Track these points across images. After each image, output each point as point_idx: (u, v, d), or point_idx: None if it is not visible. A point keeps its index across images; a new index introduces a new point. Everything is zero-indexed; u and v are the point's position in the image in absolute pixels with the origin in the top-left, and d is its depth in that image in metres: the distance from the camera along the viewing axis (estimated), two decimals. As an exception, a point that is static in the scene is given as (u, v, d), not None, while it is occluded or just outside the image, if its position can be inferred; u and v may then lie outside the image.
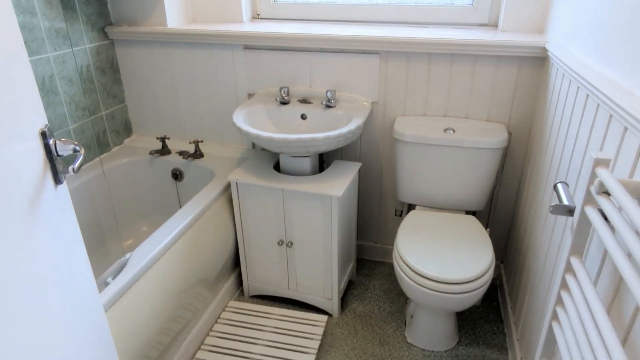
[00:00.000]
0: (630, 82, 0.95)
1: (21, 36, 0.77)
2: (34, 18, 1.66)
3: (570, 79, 1.30)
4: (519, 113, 1.76)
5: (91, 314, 0.96)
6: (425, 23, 1.92)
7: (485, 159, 1.67)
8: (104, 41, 2.02)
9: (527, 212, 1.68)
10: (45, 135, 0.82)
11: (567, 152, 1.27)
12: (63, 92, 1.83)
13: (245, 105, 1.86)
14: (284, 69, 1.94)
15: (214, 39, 1.93)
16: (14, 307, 0.75)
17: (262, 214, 1.76)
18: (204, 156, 2.07)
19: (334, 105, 1.84)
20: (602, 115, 1.04)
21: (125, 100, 2.20)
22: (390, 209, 2.10)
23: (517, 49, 1.62)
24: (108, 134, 2.11)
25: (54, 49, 1.77)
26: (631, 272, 0.64)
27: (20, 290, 0.77)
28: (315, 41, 1.81)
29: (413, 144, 1.71)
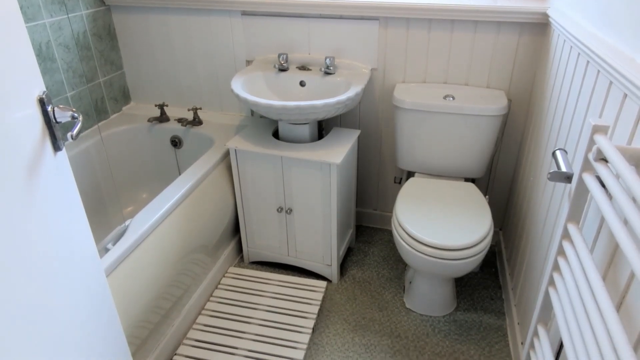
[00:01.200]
0: (630, 48, 0.93)
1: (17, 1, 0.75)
2: (25, -18, 1.62)
3: (571, 45, 1.28)
4: (519, 80, 1.74)
5: (92, 279, 0.99)
6: (428, -13, 1.87)
7: (485, 126, 1.66)
8: (101, 7, 1.98)
9: (527, 179, 1.69)
10: (44, 102, 0.81)
11: (566, 119, 1.27)
12: (60, 59, 1.80)
13: (244, 72, 1.84)
14: (283, 36, 1.90)
15: (212, 5, 1.88)
16: (15, 271, 0.77)
17: (261, 181, 1.77)
18: (202, 123, 2.06)
19: (333, 72, 1.82)
20: (602, 82, 1.03)
21: (123, 67, 2.17)
22: (389, 176, 2.11)
23: (518, 14, 1.59)
24: (106, 101, 2.09)
25: (50, 15, 1.73)
26: (627, 238, 0.65)
27: (22, 255, 0.78)
28: (314, 7, 1.77)
29: (412, 111, 1.70)
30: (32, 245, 0.80)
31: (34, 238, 0.81)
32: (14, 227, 0.76)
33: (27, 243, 0.79)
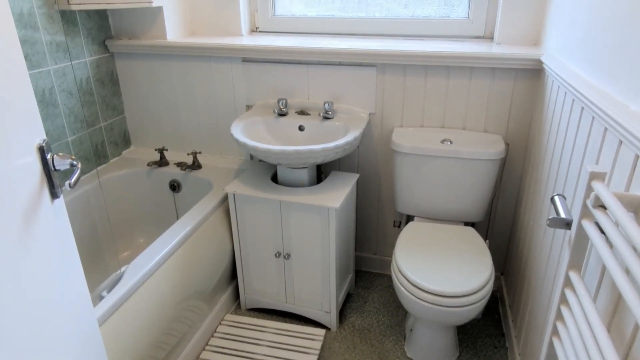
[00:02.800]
0: (623, 95, 0.95)
1: (22, 53, 0.77)
2: (36, 33, 1.67)
3: (565, 91, 1.31)
4: (515, 124, 1.77)
5: (85, 328, 0.96)
6: (422, 36, 1.94)
7: (483, 170, 1.67)
8: (104, 54, 2.04)
9: (526, 224, 1.68)
10: (43, 150, 0.82)
11: (564, 164, 1.28)
12: (62, 104, 1.83)
13: (244, 117, 1.87)
14: (282, 81, 1.95)
15: (213, 52, 1.94)
16: (8, 320, 0.75)
17: (260, 226, 1.76)
18: (201, 167, 2.07)
19: (332, 117, 1.85)
20: (597, 128, 1.04)
21: (124, 112, 2.20)
22: (388, 220, 2.10)
23: (512, 61, 1.64)
24: (106, 146, 2.11)
25: (55, 62, 1.78)
26: (630, 289, 0.64)
27: (15, 304, 0.76)
28: (312, 54, 1.83)
29: (411, 155, 1.72)
30: (24, 292, 0.78)
31: (27, 286, 0.79)
32: (7, 274, 0.74)
33: (20, 291, 0.77)
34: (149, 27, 1.98)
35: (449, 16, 1.90)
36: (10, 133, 0.75)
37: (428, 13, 1.92)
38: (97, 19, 1.97)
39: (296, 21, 2.06)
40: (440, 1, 1.89)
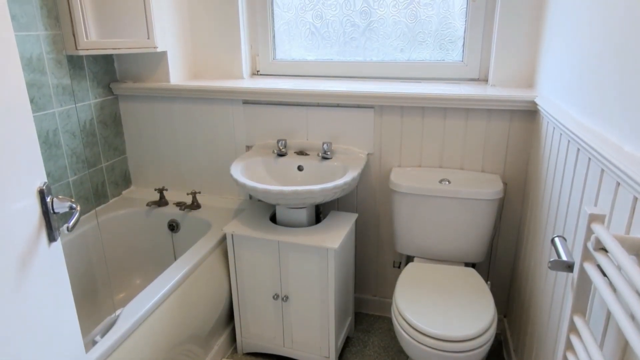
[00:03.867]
0: (618, 137, 0.97)
1: (28, 98, 0.79)
2: (43, 77, 1.72)
3: (560, 132, 1.33)
4: (513, 164, 1.78)
5: (78, 377, 0.93)
6: (418, 78, 1.99)
7: (482, 209, 1.67)
8: (109, 96, 2.08)
9: (528, 264, 1.66)
10: (43, 193, 0.82)
11: (562, 205, 1.28)
12: (65, 145, 1.86)
13: (243, 158, 1.89)
14: (282, 123, 1.98)
15: (215, 95, 1.98)
16: (-3, 371, 0.73)
17: (258, 267, 1.73)
18: (200, 207, 2.07)
19: (330, 157, 1.87)
20: (594, 169, 1.05)
21: (125, 152, 2.23)
22: (388, 260, 2.07)
23: (507, 103, 1.67)
24: (107, 186, 2.12)
25: (60, 105, 1.81)
26: (636, 336, 0.62)
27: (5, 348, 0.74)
28: (312, 96, 1.87)
29: (409, 195, 1.72)
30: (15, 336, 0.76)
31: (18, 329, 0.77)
32: None
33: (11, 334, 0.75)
34: (153, 71, 2.04)
35: (444, 60, 1.96)
36: (11, 176, 0.76)
37: (424, 57, 1.98)
38: (103, 63, 2.02)
39: (296, 65, 2.12)
40: (435, 45, 1.96)
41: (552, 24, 1.55)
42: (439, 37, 1.94)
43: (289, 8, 2.07)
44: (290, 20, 2.09)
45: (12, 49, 0.76)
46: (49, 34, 1.73)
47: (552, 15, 1.55)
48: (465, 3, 1.87)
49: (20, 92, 0.78)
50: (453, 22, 1.91)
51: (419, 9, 1.92)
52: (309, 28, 2.07)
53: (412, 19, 1.94)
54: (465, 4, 1.87)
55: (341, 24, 2.03)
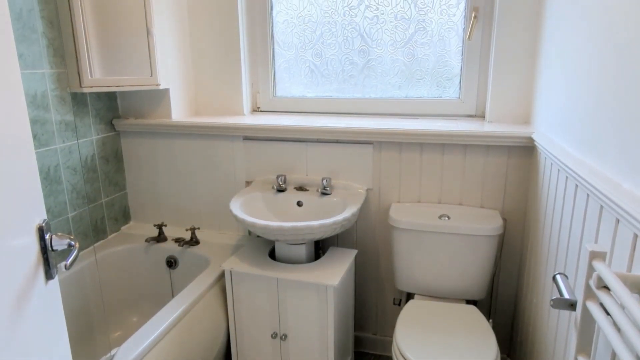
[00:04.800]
0: (615, 173, 0.98)
1: (31, 136, 0.80)
2: (47, 113, 1.75)
3: (558, 168, 1.34)
4: (512, 200, 1.79)
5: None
6: (416, 115, 2.02)
7: (482, 245, 1.66)
8: (111, 132, 2.11)
9: (530, 302, 1.63)
10: (42, 230, 0.82)
11: (563, 241, 1.27)
12: (66, 181, 1.86)
13: (243, 193, 1.89)
14: (282, 158, 2.00)
15: (216, 131, 2.01)
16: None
17: (256, 304, 1.71)
18: (199, 243, 2.06)
19: (330, 193, 1.88)
20: (593, 206, 1.05)
21: (126, 188, 2.23)
22: (388, 297, 2.04)
23: (504, 139, 1.69)
24: (106, 221, 2.11)
25: (62, 141, 1.83)
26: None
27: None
28: (311, 132, 1.89)
29: (409, 230, 1.72)
30: (4, 385, 0.74)
31: (7, 377, 0.75)
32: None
33: (0, 383, 0.73)
34: (155, 108, 2.07)
35: (441, 96, 2.00)
36: (11, 213, 0.76)
37: (421, 94, 2.02)
38: (106, 100, 2.06)
39: (296, 101, 2.16)
40: (432, 83, 2.00)
41: (546, 62, 1.60)
42: (436, 74, 1.99)
43: (290, 47, 2.13)
44: (291, 59, 2.14)
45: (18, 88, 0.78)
46: (54, 72, 1.77)
47: (546, 54, 1.60)
48: (461, 42, 1.92)
49: (24, 130, 0.79)
50: (449, 61, 1.96)
51: (416, 47, 1.98)
52: (309, 66, 2.13)
53: (409, 58, 2.00)
54: (461, 43, 1.93)
55: (340, 62, 2.08)
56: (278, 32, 2.13)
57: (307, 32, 2.09)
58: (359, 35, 2.03)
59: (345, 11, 2.02)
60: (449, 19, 1.92)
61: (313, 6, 2.05)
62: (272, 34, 2.13)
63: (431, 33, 1.95)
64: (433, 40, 1.95)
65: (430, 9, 1.93)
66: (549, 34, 1.56)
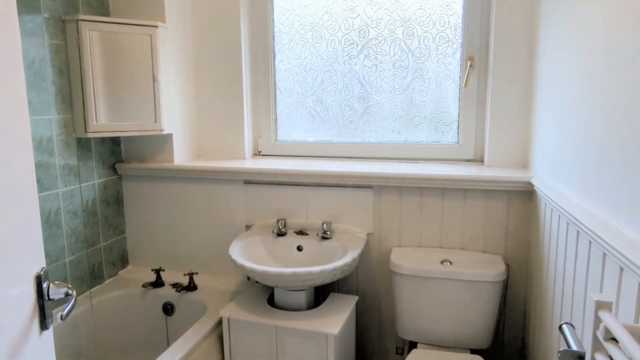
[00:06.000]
0: (615, 220, 0.97)
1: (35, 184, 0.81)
2: (51, 158, 1.77)
3: (559, 214, 1.34)
4: (514, 244, 1.77)
5: None
6: (415, 159, 2.04)
7: (485, 292, 1.63)
8: (113, 176, 2.12)
9: (537, 352, 1.58)
10: (40, 279, 0.81)
11: (567, 288, 1.25)
12: (66, 225, 1.86)
13: (242, 237, 1.88)
14: (282, 202, 2.00)
15: (217, 175, 2.03)
16: None
17: (254, 352, 1.65)
18: (197, 288, 2.02)
19: (330, 237, 1.86)
20: (596, 253, 1.05)
21: (125, 232, 2.22)
22: (390, 346, 1.98)
23: (503, 183, 1.71)
24: (103, 266, 2.09)
25: (65, 185, 1.84)
26: None
27: None
28: (311, 176, 1.91)
29: (411, 276, 1.69)
30: None
31: None
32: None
33: None
34: (158, 152, 2.10)
35: (440, 141, 2.03)
36: (10, 261, 0.76)
37: (420, 138, 2.06)
38: (110, 144, 2.09)
39: (297, 146, 2.19)
40: (430, 128, 2.04)
41: (540, 107, 1.63)
42: (434, 120, 2.03)
43: (291, 94, 2.19)
44: (292, 104, 2.19)
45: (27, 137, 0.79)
46: (61, 117, 1.81)
47: (540, 100, 1.64)
48: (458, 89, 1.98)
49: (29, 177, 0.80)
50: (447, 107, 2.01)
51: (414, 94, 2.03)
52: (310, 111, 2.18)
53: (407, 104, 2.05)
54: (457, 90, 1.98)
55: (340, 108, 2.13)
56: (280, 79, 2.19)
57: (309, 80, 2.15)
58: (359, 82, 2.09)
59: (345, 60, 2.09)
60: (445, 67, 1.98)
61: (314, 55, 2.12)
62: (274, 81, 2.19)
63: (428, 80, 2.01)
64: (430, 87, 2.01)
65: (427, 58, 1.99)
66: (541, 82, 1.61)
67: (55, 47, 1.76)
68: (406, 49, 2.01)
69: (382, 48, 2.03)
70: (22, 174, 0.78)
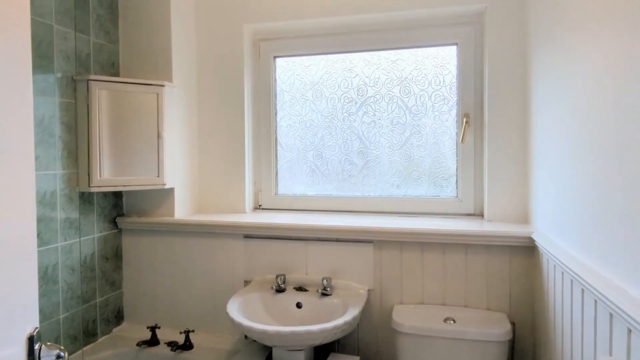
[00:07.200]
0: (619, 278, 0.96)
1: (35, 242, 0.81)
2: (53, 212, 1.78)
3: (562, 271, 1.33)
4: (518, 301, 1.73)
5: None
6: (415, 213, 2.05)
7: (491, 352, 1.57)
8: (113, 230, 2.12)
9: (548, 417, 1.50)
10: (33, 340, 0.79)
11: (576, 350, 1.21)
12: (63, 280, 1.83)
13: (241, 294, 1.84)
14: (282, 257, 1.98)
15: (217, 229, 2.02)
16: None
17: (252, 419, 1.57)
18: (193, 347, 1.95)
19: (330, 293, 1.83)
20: (602, 313, 1.02)
21: (122, 287, 2.18)
22: (395, 410, 1.88)
23: (504, 238, 1.70)
24: (98, 323, 2.03)
25: (64, 239, 1.84)
26: None
27: None
28: (311, 231, 1.90)
29: (413, 335, 1.64)
30: None
31: None
32: None
33: None
34: (159, 206, 2.11)
35: (439, 195, 2.04)
36: (3, 323, 0.74)
37: (419, 193, 2.07)
38: (112, 198, 2.11)
39: (297, 199, 2.20)
40: (429, 182, 2.06)
41: (538, 162, 1.66)
42: (432, 174, 2.06)
43: (292, 149, 2.23)
44: (293, 159, 2.23)
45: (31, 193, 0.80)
46: (66, 172, 1.83)
47: (537, 155, 1.66)
48: (455, 145, 2.02)
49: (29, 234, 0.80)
50: (445, 162, 2.04)
51: (412, 149, 2.07)
52: (310, 166, 2.21)
53: (406, 159, 2.08)
54: (455, 146, 2.02)
55: (340, 162, 2.17)
56: (281, 134, 2.24)
57: (309, 135, 2.20)
58: (358, 138, 2.14)
59: (344, 117, 2.15)
60: (442, 123, 2.03)
61: (314, 112, 2.19)
62: (275, 136, 2.24)
63: (426, 136, 2.05)
64: (428, 143, 2.05)
65: (423, 115, 2.05)
66: (536, 138, 1.65)
67: (65, 105, 1.82)
68: (403, 107, 2.07)
69: (380, 105, 2.10)
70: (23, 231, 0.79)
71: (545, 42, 1.53)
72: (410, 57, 2.06)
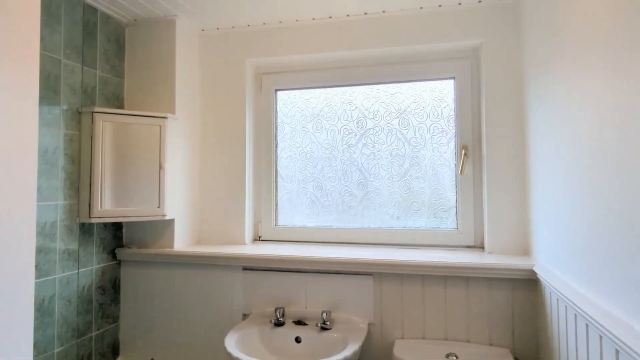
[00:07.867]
0: (623, 312, 0.95)
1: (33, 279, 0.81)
2: (52, 243, 1.77)
3: (565, 305, 1.31)
4: (522, 336, 1.70)
5: None
6: (415, 245, 2.03)
7: (496, 390, 1.53)
8: (112, 261, 2.11)
9: None
10: (24, 377, 0.78)
11: (581, 387, 1.18)
12: (59, 312, 1.81)
13: (239, 328, 1.81)
14: (281, 290, 1.96)
15: (216, 261, 2.01)
16: None
17: None
18: (190, 383, 1.91)
19: (330, 327, 1.80)
20: (609, 350, 1.00)
21: (119, 320, 2.15)
22: None
23: (506, 271, 1.68)
24: (93, 357, 1.99)
25: (62, 271, 1.82)
26: None
27: None
28: (311, 263, 1.89)
29: (416, 371, 1.60)
30: None
31: None
32: None
33: None
34: (159, 237, 2.10)
35: (439, 227, 2.04)
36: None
37: (419, 224, 2.07)
38: (112, 229, 2.10)
39: (297, 231, 2.20)
40: (429, 214, 2.06)
41: (537, 194, 1.66)
42: (432, 206, 2.06)
43: (292, 180, 2.24)
44: (293, 190, 2.24)
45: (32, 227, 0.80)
46: (67, 203, 1.84)
47: (536, 186, 1.67)
48: (454, 176, 2.03)
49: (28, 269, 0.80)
50: (444, 193, 2.04)
51: (412, 181, 2.08)
52: (310, 197, 2.21)
53: (405, 190, 2.09)
54: (454, 177, 2.03)
55: (340, 194, 2.17)
56: (282, 166, 2.26)
57: (309, 167, 2.22)
58: (358, 169, 2.15)
59: (344, 148, 2.17)
60: (440, 155, 2.05)
61: (315, 144, 2.21)
62: (276, 168, 2.26)
63: (425, 168, 2.07)
64: (427, 174, 2.06)
65: (422, 147, 2.07)
66: (534, 170, 1.66)
67: (69, 137, 1.85)
68: (402, 139, 2.09)
69: (380, 137, 2.12)
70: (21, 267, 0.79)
71: (540, 75, 1.56)
72: (408, 91, 2.10)
